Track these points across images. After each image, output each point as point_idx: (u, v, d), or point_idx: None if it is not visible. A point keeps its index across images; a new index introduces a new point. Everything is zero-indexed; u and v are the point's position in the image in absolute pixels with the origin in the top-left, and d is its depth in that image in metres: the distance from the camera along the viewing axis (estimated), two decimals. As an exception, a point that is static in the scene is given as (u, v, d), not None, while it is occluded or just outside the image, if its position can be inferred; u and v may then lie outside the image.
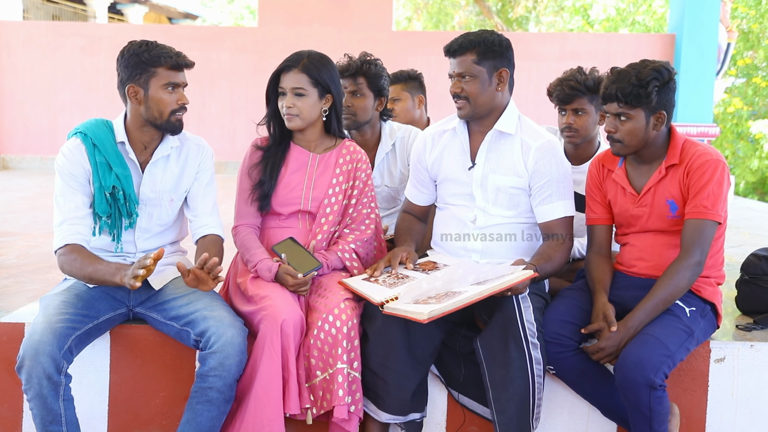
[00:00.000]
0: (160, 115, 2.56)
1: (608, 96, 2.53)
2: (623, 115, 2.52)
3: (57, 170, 2.58)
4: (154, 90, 2.54)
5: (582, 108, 3.03)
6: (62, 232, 2.52)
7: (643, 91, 2.47)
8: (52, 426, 2.32)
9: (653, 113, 2.52)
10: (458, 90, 2.68)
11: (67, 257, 2.49)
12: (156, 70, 2.53)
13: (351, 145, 2.86)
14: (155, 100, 2.54)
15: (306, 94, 2.69)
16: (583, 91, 3.00)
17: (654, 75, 2.48)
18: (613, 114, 2.54)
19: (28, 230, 5.21)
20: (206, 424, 2.42)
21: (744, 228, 6.49)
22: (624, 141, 2.55)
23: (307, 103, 2.71)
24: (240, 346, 2.42)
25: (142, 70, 2.52)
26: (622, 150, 2.59)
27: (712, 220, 2.51)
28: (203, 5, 23.13)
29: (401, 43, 10.92)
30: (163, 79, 2.54)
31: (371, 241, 2.86)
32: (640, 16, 16.48)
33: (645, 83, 2.47)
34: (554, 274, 2.70)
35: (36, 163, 10.93)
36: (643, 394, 2.37)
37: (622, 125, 2.53)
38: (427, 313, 2.27)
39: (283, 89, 2.71)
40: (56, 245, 2.52)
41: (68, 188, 2.56)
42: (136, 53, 2.52)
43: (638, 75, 2.48)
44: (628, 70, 2.51)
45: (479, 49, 2.65)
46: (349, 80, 3.22)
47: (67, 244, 2.50)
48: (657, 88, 2.48)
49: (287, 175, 2.77)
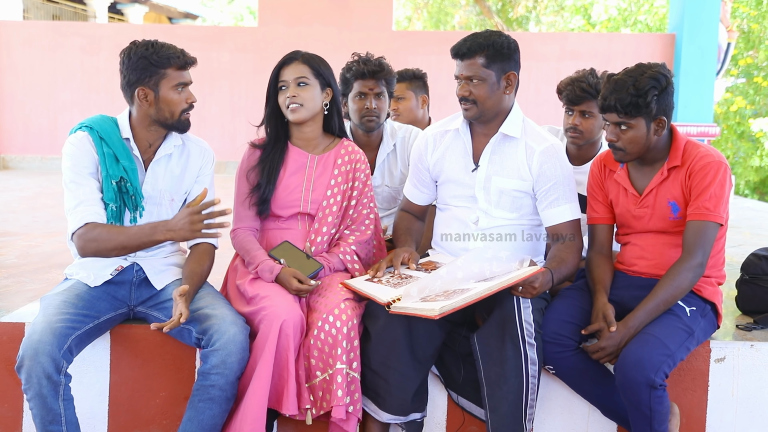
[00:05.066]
0: (171, 115, 2.57)
1: (607, 107, 2.51)
2: (624, 124, 2.50)
3: (66, 158, 2.55)
4: (165, 91, 2.54)
5: (590, 111, 3.02)
6: (79, 213, 2.47)
7: (642, 100, 2.45)
8: (51, 426, 2.32)
9: (654, 120, 2.51)
10: (466, 93, 2.66)
11: (90, 233, 2.44)
12: (166, 72, 2.52)
13: (349, 145, 2.85)
14: (166, 101, 2.54)
15: (309, 83, 2.71)
16: (594, 94, 2.98)
17: (652, 84, 2.46)
18: (614, 123, 2.53)
19: (28, 230, 5.21)
20: (208, 422, 2.41)
21: (744, 228, 6.49)
22: (626, 149, 2.55)
23: (311, 93, 2.71)
24: (242, 344, 2.42)
25: (151, 72, 2.51)
26: (625, 157, 2.58)
27: (714, 221, 2.51)
28: (203, 5, 23.12)
29: (401, 43, 10.91)
30: (174, 80, 2.54)
31: (371, 242, 2.86)
32: (642, 16, 16.48)
33: (643, 93, 2.45)
34: (570, 275, 2.69)
35: (36, 163, 10.93)
36: (644, 394, 2.37)
37: (624, 134, 2.52)
38: (438, 309, 2.27)
39: (285, 82, 2.71)
40: (74, 226, 2.46)
41: (79, 175, 2.53)
42: (144, 56, 2.50)
43: (636, 84, 2.45)
44: (625, 79, 2.48)
45: (488, 52, 2.63)
46: (373, 81, 3.21)
47: (87, 222, 2.45)
48: (656, 96, 2.46)
49: (286, 178, 2.77)
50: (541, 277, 2.50)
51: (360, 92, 3.23)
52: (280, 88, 2.73)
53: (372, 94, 3.21)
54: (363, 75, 3.20)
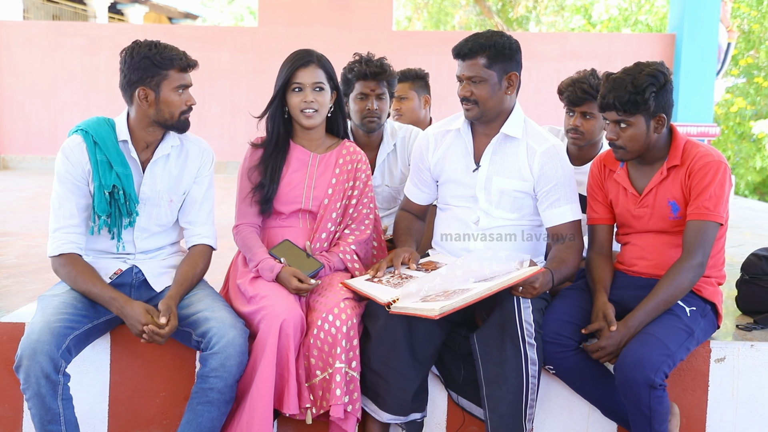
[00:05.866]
0: (171, 116, 2.56)
1: (606, 105, 2.52)
2: (623, 122, 2.51)
3: (56, 171, 2.57)
4: (166, 93, 2.53)
5: (591, 112, 3.02)
6: (56, 240, 2.52)
7: (640, 98, 2.46)
8: (50, 425, 2.32)
9: (653, 117, 2.51)
10: (467, 94, 2.66)
11: (62, 269, 2.52)
12: (168, 73, 2.51)
13: (351, 146, 2.85)
14: (167, 102, 2.53)
15: (324, 88, 2.71)
16: (594, 95, 2.96)
17: (650, 81, 2.46)
18: (613, 121, 2.54)
19: (28, 230, 5.21)
20: (207, 425, 2.42)
21: (744, 228, 6.49)
22: (626, 147, 2.55)
23: (325, 98, 2.72)
24: (241, 347, 2.42)
25: (153, 73, 2.50)
26: (626, 156, 2.58)
27: (714, 221, 2.51)
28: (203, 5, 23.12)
29: (401, 43, 10.91)
30: (175, 81, 2.53)
31: (370, 241, 2.87)
32: (642, 16, 16.47)
33: (642, 90, 2.45)
34: (570, 276, 2.69)
35: (36, 163, 10.94)
36: (643, 394, 2.37)
37: (623, 132, 2.53)
38: (439, 309, 2.28)
39: (301, 85, 2.69)
40: (50, 252, 2.54)
41: (65, 192, 2.55)
42: (147, 56, 2.49)
43: (634, 82, 2.46)
44: (623, 77, 2.49)
45: (490, 53, 2.62)
46: (375, 83, 3.21)
47: (62, 254, 2.52)
48: (654, 93, 2.47)
49: (288, 174, 2.77)
50: (542, 277, 2.50)
51: (361, 93, 3.23)
52: (293, 89, 2.71)
53: (373, 95, 3.21)
54: (365, 76, 3.20)
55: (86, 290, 2.49)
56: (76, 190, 2.56)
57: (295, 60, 2.70)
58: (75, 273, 2.49)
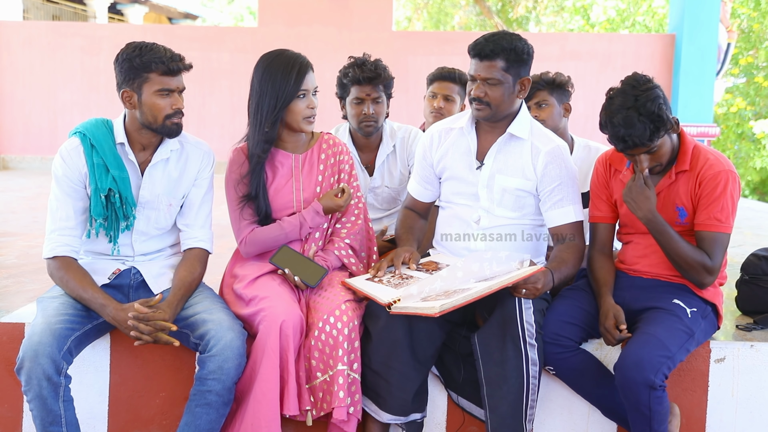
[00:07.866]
0: (155, 119, 2.52)
1: (632, 146, 2.43)
2: (653, 149, 2.48)
3: (53, 173, 2.56)
4: (147, 95, 2.50)
5: (545, 100, 3.13)
6: (52, 242, 2.52)
7: (655, 126, 2.41)
8: (52, 427, 2.32)
9: (669, 130, 2.49)
10: (481, 94, 2.64)
11: (56, 272, 2.52)
12: (148, 76, 2.48)
13: (330, 138, 2.84)
14: (148, 105, 2.50)
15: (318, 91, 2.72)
16: (542, 84, 3.11)
17: (657, 102, 2.40)
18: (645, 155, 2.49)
19: (28, 230, 5.22)
20: (205, 427, 2.41)
21: (744, 228, 6.48)
22: (662, 163, 2.56)
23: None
24: (239, 349, 2.41)
25: (134, 75, 2.48)
26: (667, 167, 2.59)
27: (726, 232, 2.53)
28: (203, 5, 23.12)
29: (401, 43, 10.91)
30: (156, 84, 2.49)
31: (362, 231, 2.84)
32: (641, 17, 16.47)
33: (656, 116, 2.40)
34: (571, 276, 2.69)
35: (36, 163, 10.93)
36: (643, 394, 2.37)
37: (655, 158, 2.52)
38: (439, 307, 2.28)
39: (305, 91, 2.65)
40: (45, 254, 2.54)
41: (62, 194, 2.54)
42: (129, 58, 2.48)
43: (640, 116, 2.38)
44: (629, 115, 2.39)
45: (510, 57, 2.60)
46: (370, 87, 3.18)
47: (57, 256, 2.52)
48: (662, 105, 2.42)
49: (276, 180, 2.74)
50: (543, 277, 2.50)
51: (357, 98, 3.20)
52: (299, 96, 2.65)
53: (369, 99, 3.19)
54: (360, 81, 3.17)
55: (78, 296, 2.48)
56: (72, 193, 2.55)
57: (300, 67, 2.64)
58: (68, 278, 2.49)
